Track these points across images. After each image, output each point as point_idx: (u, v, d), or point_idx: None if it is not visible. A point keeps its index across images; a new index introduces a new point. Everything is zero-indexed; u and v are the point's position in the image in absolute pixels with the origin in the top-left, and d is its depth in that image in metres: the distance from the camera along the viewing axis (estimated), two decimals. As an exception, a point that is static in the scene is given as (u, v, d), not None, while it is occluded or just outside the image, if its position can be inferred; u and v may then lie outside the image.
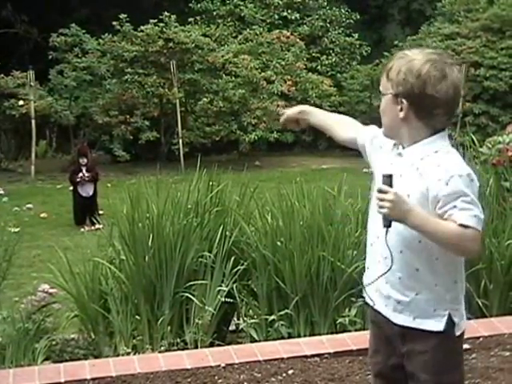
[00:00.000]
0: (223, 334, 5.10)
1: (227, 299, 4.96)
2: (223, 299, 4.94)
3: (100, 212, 10.18)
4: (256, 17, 19.57)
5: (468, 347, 4.42)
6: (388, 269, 2.52)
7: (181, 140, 16.10)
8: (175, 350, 4.77)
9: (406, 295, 2.56)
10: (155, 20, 16.47)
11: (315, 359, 4.48)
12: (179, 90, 16.26)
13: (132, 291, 4.96)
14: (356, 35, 20.47)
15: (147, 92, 16.21)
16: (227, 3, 19.87)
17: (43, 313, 4.86)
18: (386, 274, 2.55)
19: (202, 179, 5.32)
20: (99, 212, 10.19)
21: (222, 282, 4.99)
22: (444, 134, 2.56)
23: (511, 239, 5.17)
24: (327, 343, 4.66)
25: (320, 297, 4.97)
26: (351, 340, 4.67)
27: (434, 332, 2.54)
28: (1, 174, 15.37)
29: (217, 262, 5.02)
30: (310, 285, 4.97)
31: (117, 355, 4.75)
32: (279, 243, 5.03)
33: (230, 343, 4.92)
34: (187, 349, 4.81)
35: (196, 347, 4.83)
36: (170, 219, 5.07)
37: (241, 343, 4.94)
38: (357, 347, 4.51)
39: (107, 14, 18.50)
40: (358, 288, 4.79)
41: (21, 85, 15.70)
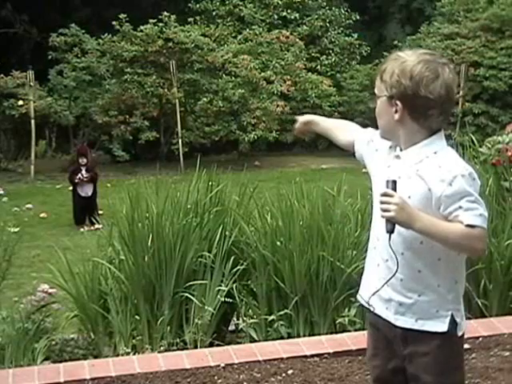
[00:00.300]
0: (223, 334, 5.10)
1: (227, 299, 4.95)
2: (223, 299, 4.93)
3: (99, 212, 10.18)
4: (255, 17, 19.57)
5: (468, 347, 4.42)
6: (392, 274, 2.50)
7: (180, 140, 16.10)
8: (175, 350, 4.76)
9: (409, 297, 2.54)
10: (155, 20, 16.47)
11: (315, 359, 4.48)
12: (179, 90, 16.25)
13: (131, 291, 4.96)
14: (355, 35, 20.48)
15: (147, 92, 16.21)
16: (227, 3, 19.87)
17: (43, 313, 4.86)
18: (387, 277, 2.54)
19: (202, 179, 5.32)
20: (99, 212, 10.19)
21: (222, 282, 4.99)
22: (441, 135, 2.56)
23: (511, 239, 5.17)
24: (327, 343, 4.66)
25: (319, 297, 4.97)
26: (351, 340, 4.66)
27: (438, 333, 2.53)
28: (0, 174, 15.37)
29: (216, 262, 5.02)
30: (310, 285, 4.96)
31: (116, 355, 4.75)
32: (279, 243, 5.03)
33: (230, 343, 4.92)
34: (187, 349, 4.80)
35: (195, 347, 4.83)
36: (170, 219, 5.06)
37: (240, 343, 4.94)
38: (356, 347, 4.51)
39: (107, 14, 18.50)
40: (358, 288, 4.80)
41: (20, 85, 15.71)
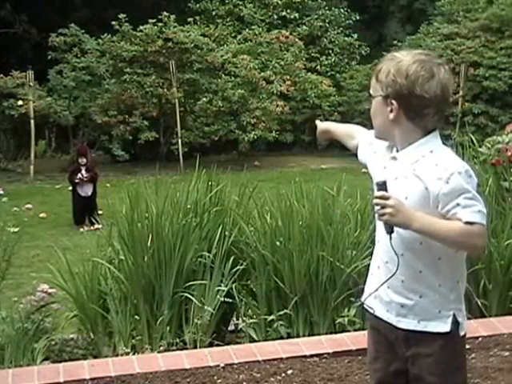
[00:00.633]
0: (222, 334, 5.10)
1: (226, 299, 4.95)
2: (222, 299, 4.93)
3: (99, 212, 10.19)
4: (255, 17, 19.58)
5: (467, 347, 4.39)
6: (392, 274, 2.50)
7: (180, 140, 16.09)
8: (174, 350, 4.76)
9: (410, 298, 2.53)
10: (154, 20, 16.47)
11: (314, 359, 4.48)
12: (178, 90, 16.25)
13: (131, 291, 4.96)
14: (355, 35, 20.48)
15: (146, 92, 16.21)
16: (226, 3, 19.87)
17: (42, 313, 4.85)
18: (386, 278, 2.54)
19: (201, 179, 5.32)
20: (98, 212, 10.19)
21: (221, 282, 4.98)
22: (436, 134, 2.55)
23: (510, 239, 5.17)
24: (326, 343, 4.66)
25: (319, 297, 4.97)
26: (350, 340, 4.66)
27: (440, 333, 2.52)
28: (0, 174, 15.37)
29: (216, 262, 5.01)
30: (309, 285, 4.96)
31: (116, 355, 4.75)
32: (278, 243, 5.03)
33: (229, 343, 4.91)
34: (186, 349, 4.80)
35: (195, 347, 4.83)
36: (169, 219, 5.06)
37: (240, 343, 4.94)
38: (356, 347, 4.51)
39: (106, 14, 18.51)
40: (357, 288, 4.80)
41: (20, 85, 15.71)
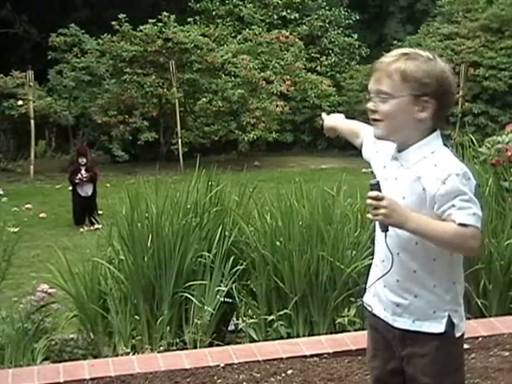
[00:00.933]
0: (222, 334, 5.09)
1: (226, 299, 4.95)
2: (222, 299, 4.93)
3: (99, 212, 10.19)
4: (255, 17, 19.58)
5: (467, 347, 4.41)
6: (386, 271, 2.51)
7: (180, 140, 16.10)
8: (174, 350, 4.76)
9: (405, 298, 2.54)
10: (154, 20, 16.48)
11: (314, 359, 4.48)
12: (178, 90, 16.25)
13: (131, 291, 4.96)
14: (355, 35, 20.48)
15: (146, 92, 16.21)
16: (226, 3, 19.87)
17: (42, 313, 4.85)
18: (385, 277, 2.54)
19: (201, 179, 5.32)
20: (98, 212, 10.19)
21: (221, 282, 4.98)
22: (438, 134, 2.54)
23: (510, 239, 5.17)
24: (326, 343, 4.66)
25: (319, 297, 4.97)
26: (350, 340, 4.66)
27: (435, 334, 2.52)
28: (0, 174, 15.37)
29: (216, 262, 5.01)
30: (309, 285, 4.96)
31: (116, 355, 4.75)
32: (278, 243, 5.03)
33: (229, 343, 4.91)
34: (186, 349, 4.80)
35: (195, 347, 4.82)
36: (169, 219, 5.06)
37: (240, 343, 4.94)
38: (356, 347, 4.50)
39: (106, 14, 18.52)
40: (357, 288, 4.80)
41: (20, 85, 15.72)
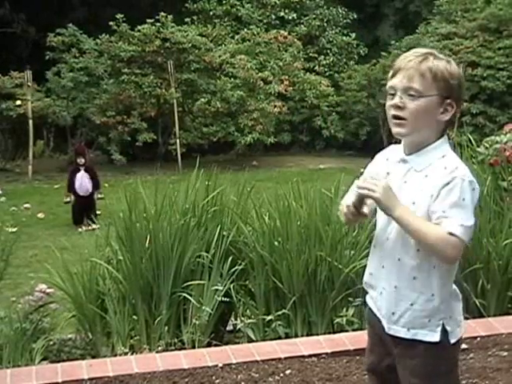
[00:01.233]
0: (220, 334, 5.09)
1: (224, 299, 4.95)
2: (220, 299, 4.93)
3: (98, 212, 10.19)
4: (253, 17, 19.58)
5: (465, 347, 4.41)
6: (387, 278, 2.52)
7: (178, 140, 16.09)
8: (172, 350, 4.76)
9: (401, 306, 2.52)
10: (152, 20, 16.47)
11: (313, 359, 4.48)
12: (176, 90, 16.25)
13: (129, 291, 4.96)
14: (353, 35, 20.48)
15: (144, 92, 16.21)
16: (224, 3, 19.88)
17: (40, 313, 4.85)
18: (382, 284, 2.55)
19: (200, 179, 5.31)
20: (97, 212, 10.19)
21: (220, 282, 4.98)
22: (446, 139, 2.54)
23: (509, 239, 5.17)
24: (325, 343, 4.66)
25: (317, 297, 4.97)
26: (348, 340, 4.66)
27: (430, 343, 2.50)
28: (-2, 174, 15.39)
29: (214, 262, 5.01)
30: (308, 285, 4.96)
31: (114, 355, 4.75)
32: (276, 243, 5.02)
33: (228, 343, 4.91)
34: (184, 349, 4.80)
35: (193, 347, 4.82)
36: (168, 219, 5.06)
37: (238, 343, 4.93)
38: (354, 347, 4.51)
39: (104, 14, 18.51)
40: (356, 288, 4.80)
41: (18, 85, 15.73)
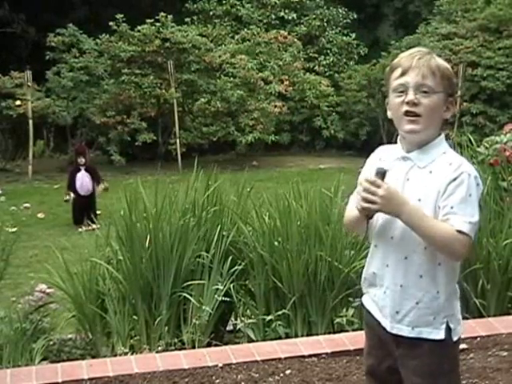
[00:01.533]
0: (221, 334, 5.09)
1: (224, 299, 4.95)
2: (220, 299, 4.93)
3: (98, 212, 10.19)
4: (253, 17, 19.58)
5: (465, 347, 4.41)
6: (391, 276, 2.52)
7: (178, 140, 16.09)
8: (173, 350, 4.76)
9: (406, 304, 2.51)
10: (152, 20, 16.47)
11: (313, 359, 4.48)
12: (176, 90, 16.25)
13: (129, 291, 4.96)
14: (353, 35, 20.48)
15: (144, 92, 16.20)
16: (224, 3, 19.87)
17: (40, 313, 4.85)
18: (386, 283, 2.54)
19: (200, 179, 5.32)
20: (97, 212, 10.20)
21: (220, 282, 4.98)
22: (443, 136, 2.56)
23: (509, 239, 5.16)
24: (325, 343, 4.66)
25: (317, 297, 4.97)
26: (349, 340, 4.66)
27: (434, 340, 2.50)
28: (-2, 174, 15.39)
29: (214, 262, 5.01)
30: (308, 285, 4.96)
31: (114, 355, 4.75)
32: (276, 243, 5.02)
33: (228, 343, 4.91)
34: (184, 349, 4.80)
35: (193, 347, 4.82)
36: (168, 219, 5.06)
37: (238, 343, 4.93)
38: (354, 347, 4.50)
39: (104, 14, 18.52)
40: (356, 288, 4.80)
41: (18, 85, 15.72)
